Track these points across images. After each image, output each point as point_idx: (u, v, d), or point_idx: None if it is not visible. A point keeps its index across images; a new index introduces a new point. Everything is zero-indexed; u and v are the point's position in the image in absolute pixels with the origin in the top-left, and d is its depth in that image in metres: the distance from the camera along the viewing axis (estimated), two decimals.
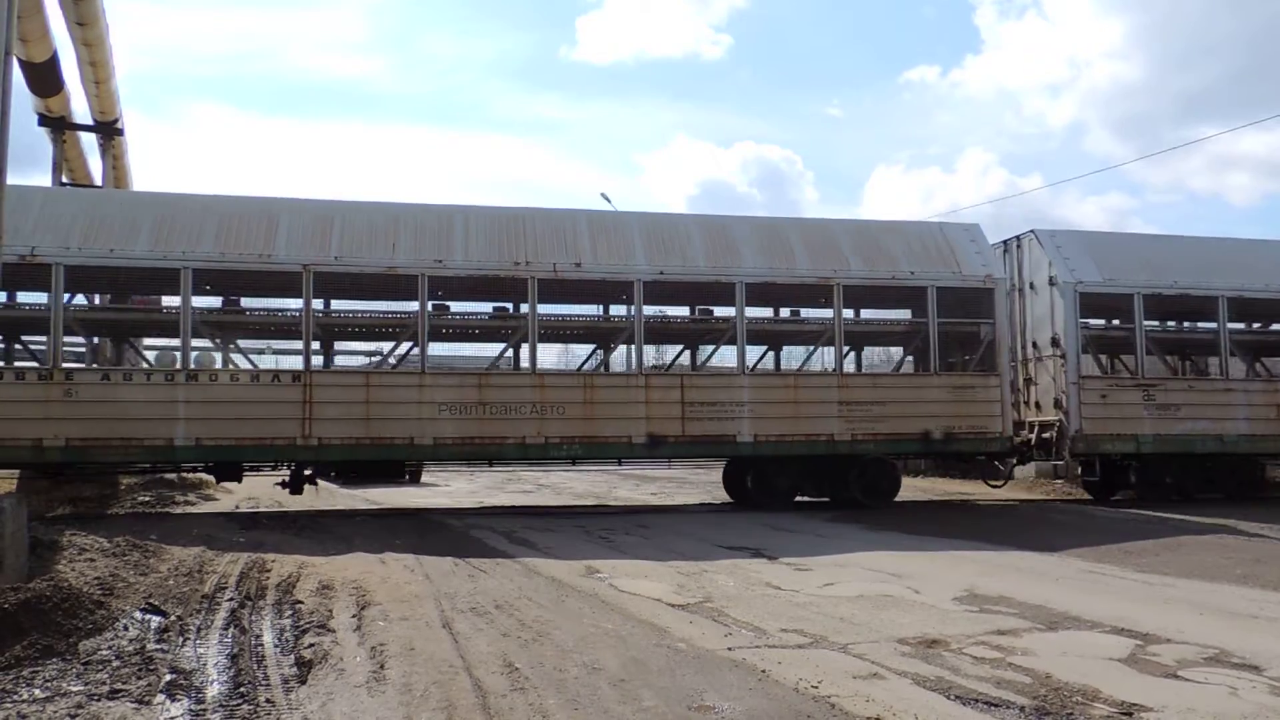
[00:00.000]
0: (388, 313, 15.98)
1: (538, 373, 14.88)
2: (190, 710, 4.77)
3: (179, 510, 15.46)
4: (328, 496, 19.00)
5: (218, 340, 15.51)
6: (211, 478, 14.94)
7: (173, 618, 6.71)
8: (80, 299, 15.31)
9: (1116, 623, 6.89)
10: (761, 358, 17.98)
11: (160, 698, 4.95)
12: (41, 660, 5.49)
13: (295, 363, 14.93)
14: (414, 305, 14.62)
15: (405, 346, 15.51)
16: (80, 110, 22.99)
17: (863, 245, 16.13)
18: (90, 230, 13.55)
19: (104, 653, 5.71)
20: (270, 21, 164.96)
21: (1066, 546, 11.16)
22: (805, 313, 17.19)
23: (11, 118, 7.88)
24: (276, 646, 6.10)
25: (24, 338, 15.26)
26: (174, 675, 5.34)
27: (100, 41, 20.32)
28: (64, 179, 23.40)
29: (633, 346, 15.77)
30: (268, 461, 14.68)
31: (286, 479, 14.87)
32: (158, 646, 5.95)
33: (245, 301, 15.38)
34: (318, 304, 15.00)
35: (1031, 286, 17.63)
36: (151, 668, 5.47)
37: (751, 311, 15.84)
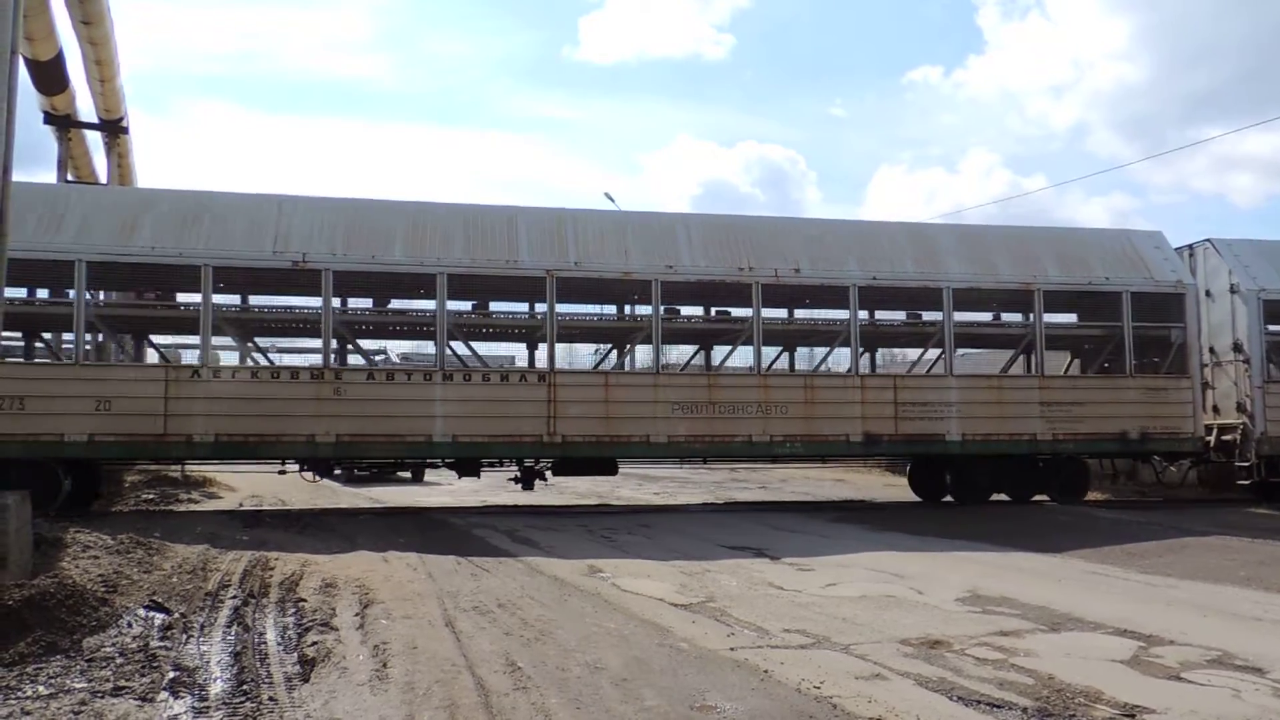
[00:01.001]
0: (608, 316, 17.18)
1: (762, 374, 15.60)
2: (193, 707, 4.78)
3: (182, 508, 15.48)
4: (330, 495, 19.02)
5: (458, 342, 15.84)
6: (220, 475, 15.11)
7: (176, 615, 6.72)
8: (337, 301, 15.29)
9: (1119, 624, 6.88)
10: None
11: (163, 695, 4.96)
12: (45, 657, 5.51)
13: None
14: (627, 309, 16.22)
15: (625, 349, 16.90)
16: (85, 108, 23.03)
17: (1059, 252, 16.73)
18: (352, 237, 14.25)
19: (107, 650, 5.72)
20: (274, 20, 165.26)
21: (1069, 548, 11.14)
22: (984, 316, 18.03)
23: (17, 116, 7.89)
24: (279, 644, 6.11)
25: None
26: (177, 672, 5.35)
27: (105, 40, 20.34)
28: (69, 177, 23.42)
29: (845, 349, 16.53)
30: (516, 457, 15.22)
31: (518, 475, 15.44)
32: (161, 644, 5.97)
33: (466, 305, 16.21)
34: (545, 307, 15.42)
35: (1208, 293, 17.84)
36: (155, 665, 5.48)
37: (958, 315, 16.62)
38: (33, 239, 12.92)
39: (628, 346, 17.19)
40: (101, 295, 15.46)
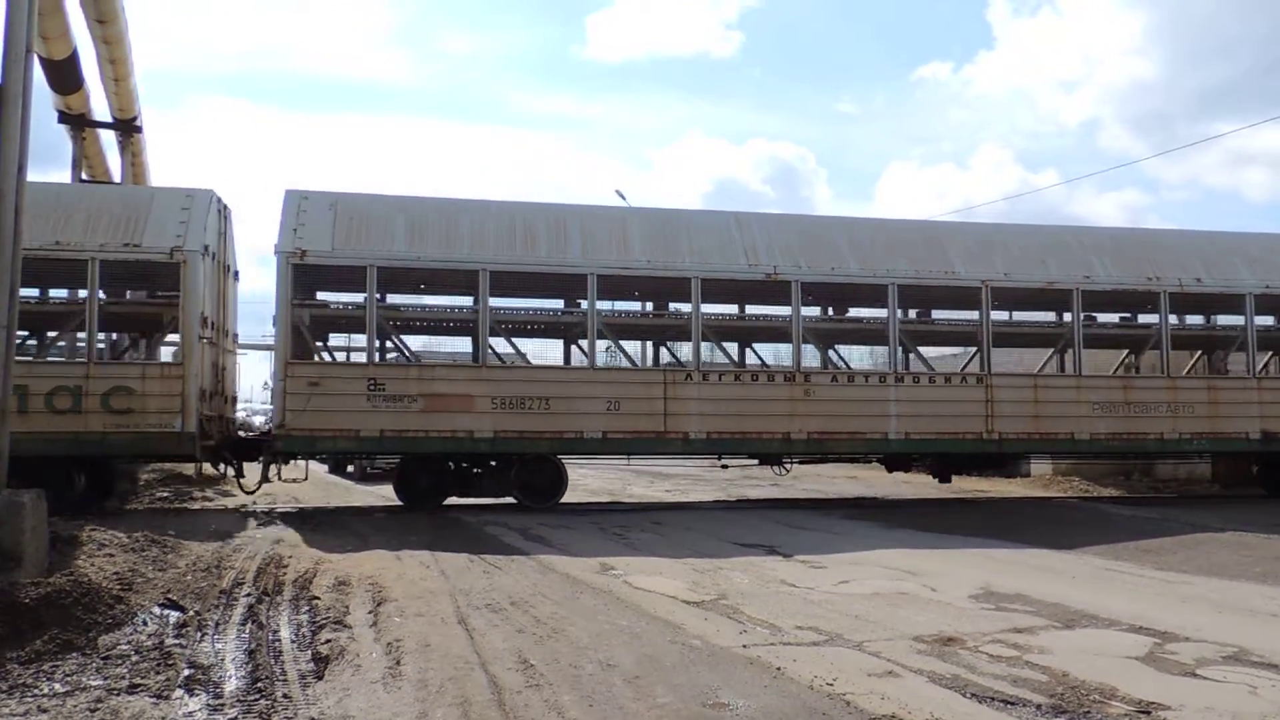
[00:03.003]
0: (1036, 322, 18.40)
1: (1170, 376, 16.75)
2: (208, 705, 4.81)
3: (196, 506, 15.56)
4: (343, 493, 19.08)
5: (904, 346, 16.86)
6: (230, 472, 15.18)
7: (191, 613, 6.76)
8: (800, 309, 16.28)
9: (1134, 621, 6.85)
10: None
11: (178, 692, 4.99)
12: (61, 655, 5.54)
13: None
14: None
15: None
16: (99, 107, 23.12)
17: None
18: (808, 250, 15.82)
19: (123, 647, 5.76)
20: (285, 17, 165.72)
21: (1083, 544, 11.10)
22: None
23: (32, 115, 7.93)
24: (293, 642, 6.14)
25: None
26: (192, 670, 5.38)
27: (119, 39, 20.42)
28: (83, 176, 23.53)
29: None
30: (955, 453, 16.46)
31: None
32: (176, 641, 6.00)
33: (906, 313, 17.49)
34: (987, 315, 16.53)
35: None
36: (170, 662, 5.51)
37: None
38: (546, 256, 14.91)
39: (1051, 354, 18.18)
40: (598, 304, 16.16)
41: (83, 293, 13.73)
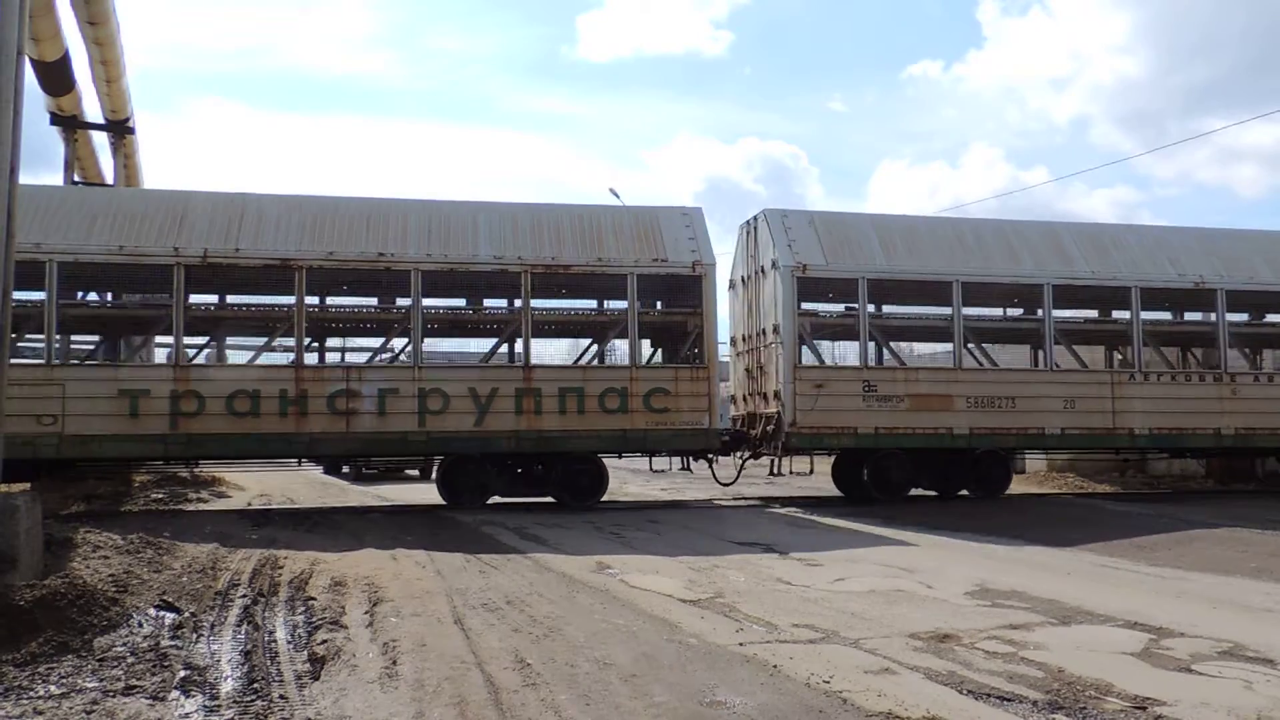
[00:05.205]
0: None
1: None
2: (204, 706, 4.80)
3: (192, 508, 15.52)
4: (338, 493, 19.06)
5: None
6: (230, 474, 15.43)
7: (186, 614, 6.75)
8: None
9: (1129, 617, 6.86)
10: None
11: (174, 694, 4.98)
12: (57, 657, 5.53)
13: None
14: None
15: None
16: (91, 109, 23.04)
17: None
18: (1227, 263, 17.25)
19: (118, 649, 5.75)
20: (277, 18, 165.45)
21: (1078, 541, 11.12)
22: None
23: (24, 117, 7.89)
24: (289, 643, 6.13)
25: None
26: (188, 671, 5.37)
27: (111, 40, 20.34)
28: (75, 178, 23.44)
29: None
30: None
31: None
32: (172, 643, 5.99)
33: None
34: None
35: None
36: (166, 664, 5.50)
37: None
38: (1003, 267, 16.41)
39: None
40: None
41: (616, 304, 15.85)
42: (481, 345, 17.76)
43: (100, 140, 24.51)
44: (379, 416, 14.08)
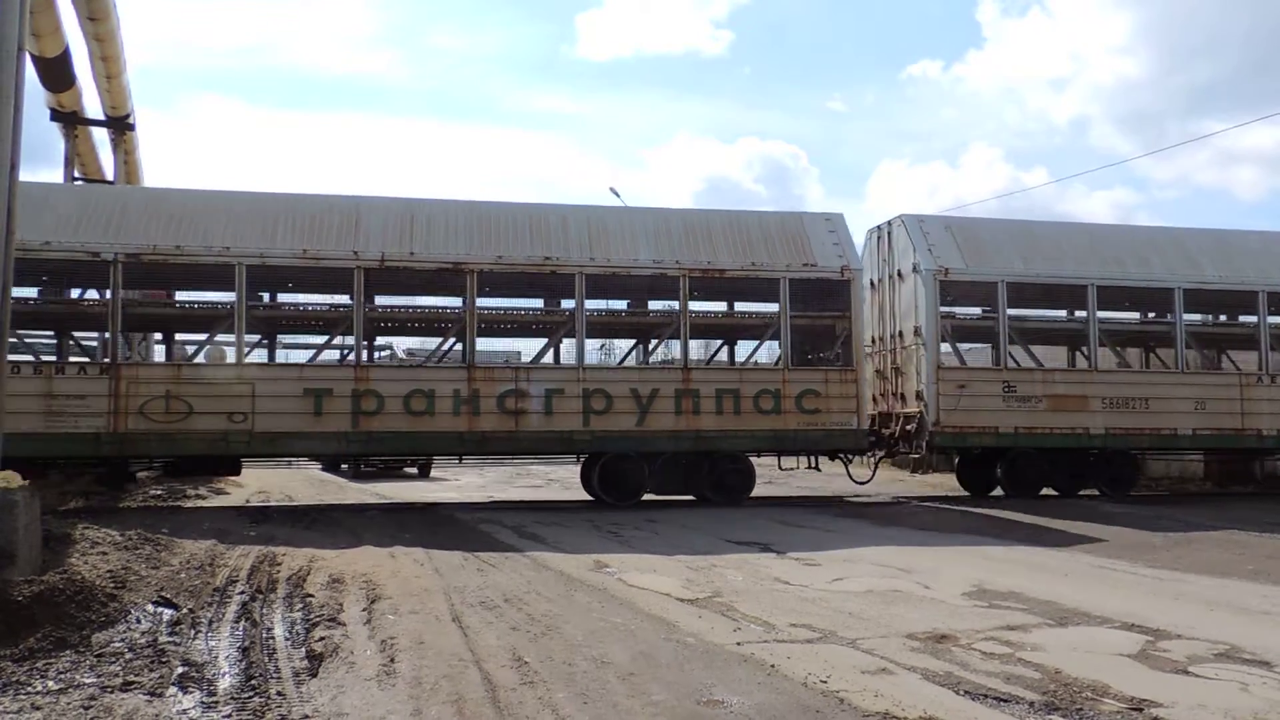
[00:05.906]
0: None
1: None
2: (202, 702, 4.80)
3: (190, 504, 15.52)
4: (337, 491, 19.07)
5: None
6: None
7: (184, 611, 6.75)
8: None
9: (1127, 618, 6.87)
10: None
11: (172, 690, 4.98)
12: (55, 652, 5.53)
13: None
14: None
15: None
16: (92, 105, 23.03)
17: None
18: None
19: (116, 645, 5.75)
20: (278, 16, 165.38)
21: (1076, 542, 11.12)
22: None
23: (24, 113, 7.90)
24: (287, 639, 6.13)
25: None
26: (186, 667, 5.37)
27: (111, 36, 20.34)
28: (75, 174, 23.43)
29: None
30: None
31: None
32: (170, 639, 5.99)
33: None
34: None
35: None
36: (163, 660, 5.50)
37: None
38: (1135, 273, 16.91)
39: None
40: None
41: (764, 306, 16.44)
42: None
43: (100, 136, 24.50)
44: (545, 416, 14.52)
